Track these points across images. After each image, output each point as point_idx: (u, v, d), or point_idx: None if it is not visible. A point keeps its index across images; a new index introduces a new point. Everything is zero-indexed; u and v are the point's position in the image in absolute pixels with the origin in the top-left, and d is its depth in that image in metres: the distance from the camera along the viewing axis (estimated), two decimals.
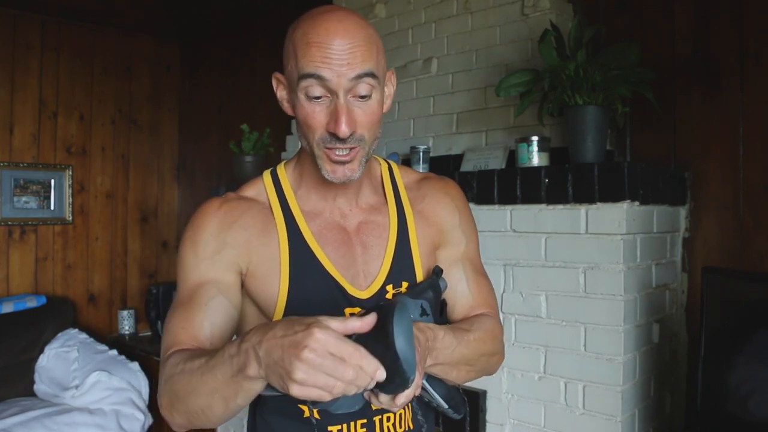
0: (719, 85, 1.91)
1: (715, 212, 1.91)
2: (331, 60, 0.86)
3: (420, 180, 1.13)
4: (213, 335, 0.92)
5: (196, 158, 4.01)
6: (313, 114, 0.90)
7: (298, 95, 0.90)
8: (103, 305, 3.77)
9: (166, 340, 0.93)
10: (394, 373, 0.71)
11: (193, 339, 0.90)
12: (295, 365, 0.67)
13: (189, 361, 0.82)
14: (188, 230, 1.00)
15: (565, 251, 1.78)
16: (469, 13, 2.33)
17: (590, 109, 1.78)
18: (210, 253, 0.96)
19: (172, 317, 0.94)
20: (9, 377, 3.00)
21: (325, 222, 1.01)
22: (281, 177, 1.04)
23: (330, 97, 0.88)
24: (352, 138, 0.90)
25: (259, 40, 3.56)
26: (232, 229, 0.97)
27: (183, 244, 0.99)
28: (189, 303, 0.93)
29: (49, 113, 3.56)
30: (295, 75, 0.89)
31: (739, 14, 1.87)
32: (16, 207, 3.45)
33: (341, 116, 0.87)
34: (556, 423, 1.80)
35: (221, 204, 1.00)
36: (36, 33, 3.50)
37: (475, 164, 2.15)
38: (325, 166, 0.93)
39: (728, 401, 1.51)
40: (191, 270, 0.96)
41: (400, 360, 0.70)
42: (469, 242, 1.10)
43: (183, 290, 0.96)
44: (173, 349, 0.89)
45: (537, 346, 1.84)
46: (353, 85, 0.88)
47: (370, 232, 1.02)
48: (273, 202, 1.01)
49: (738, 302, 1.54)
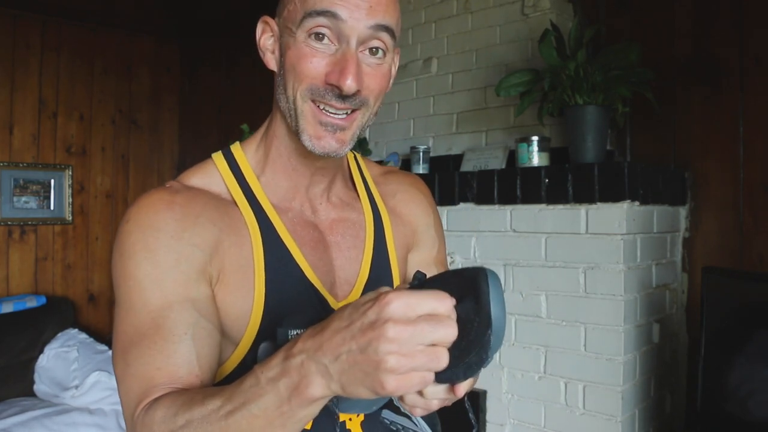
0: (719, 85, 1.91)
1: (715, 212, 1.91)
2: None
3: (385, 173, 0.99)
4: (202, 370, 0.70)
5: (196, 158, 3.96)
6: (308, 57, 0.72)
7: (296, 37, 0.73)
8: (103, 305, 3.77)
9: (132, 390, 0.68)
10: (478, 347, 0.54)
11: (175, 380, 0.67)
12: (384, 348, 0.49)
13: (193, 407, 0.60)
14: (133, 234, 0.73)
15: (565, 251, 1.78)
16: (469, 13, 2.33)
17: (590, 109, 1.78)
18: (173, 261, 0.72)
19: (133, 358, 0.68)
20: (9, 377, 2.99)
21: (297, 217, 0.84)
22: (239, 160, 0.84)
23: (337, 45, 0.73)
24: (355, 98, 0.73)
25: None
26: (197, 226, 0.74)
27: (129, 255, 0.72)
28: (158, 334, 0.69)
29: (49, 113, 3.56)
30: (299, 14, 0.73)
31: (739, 14, 1.87)
32: (16, 207, 3.44)
33: (350, 66, 0.71)
34: (556, 423, 1.80)
35: (173, 194, 0.76)
36: (36, 33, 3.50)
37: (475, 164, 2.15)
38: (307, 128, 0.74)
39: (728, 401, 1.50)
40: (150, 288, 0.70)
41: (492, 329, 0.54)
42: (441, 245, 1.00)
43: (142, 317, 0.70)
44: (150, 398, 0.66)
45: (537, 346, 1.84)
46: (369, 36, 0.73)
47: (345, 231, 0.87)
48: (234, 191, 0.81)
49: (738, 302, 1.54)
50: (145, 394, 0.66)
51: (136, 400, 0.67)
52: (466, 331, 0.54)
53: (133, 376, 0.68)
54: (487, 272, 0.56)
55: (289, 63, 0.74)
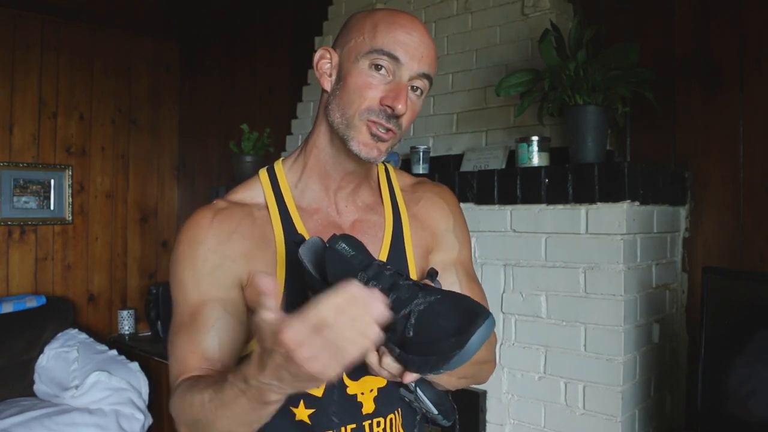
0: (719, 85, 1.91)
1: (715, 212, 1.91)
2: (410, 46, 0.89)
3: (415, 184, 1.12)
4: (224, 356, 0.89)
5: (195, 158, 4.01)
6: (371, 85, 0.89)
7: (359, 65, 0.90)
8: (102, 305, 3.77)
9: (174, 367, 0.90)
10: (442, 357, 0.70)
11: (204, 362, 0.88)
12: (306, 367, 0.63)
13: (198, 392, 0.80)
14: (182, 245, 0.94)
15: (565, 251, 1.78)
16: (469, 13, 2.33)
17: (590, 109, 1.78)
18: (210, 268, 0.92)
19: (177, 341, 0.91)
20: (9, 377, 2.99)
21: (322, 219, 0.98)
22: (278, 173, 1.01)
23: (390, 77, 0.89)
24: (397, 121, 0.90)
25: (259, 40, 3.56)
26: (231, 241, 0.93)
27: (178, 261, 0.94)
28: (193, 325, 0.90)
29: (49, 113, 3.56)
30: (366, 47, 0.89)
31: (739, 14, 1.87)
32: (16, 207, 3.45)
33: (402, 93, 0.88)
34: (556, 423, 1.80)
35: (215, 214, 0.95)
36: (36, 33, 3.50)
37: (475, 164, 2.15)
38: (359, 138, 0.91)
39: (728, 401, 1.50)
40: (191, 288, 0.92)
41: (460, 352, 0.69)
42: (462, 248, 1.09)
43: (184, 310, 0.92)
44: (183, 376, 0.88)
45: (537, 346, 1.84)
46: (416, 78, 0.90)
47: (365, 231, 1.00)
48: (270, 201, 0.98)
49: (738, 302, 1.54)
50: (181, 371, 0.88)
51: (175, 375, 0.89)
52: (443, 338, 0.69)
53: (174, 356, 0.90)
54: (489, 316, 0.70)
55: (350, 87, 0.91)
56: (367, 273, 0.76)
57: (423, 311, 0.73)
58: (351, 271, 0.76)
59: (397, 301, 0.74)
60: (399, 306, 0.74)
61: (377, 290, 0.66)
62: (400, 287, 0.75)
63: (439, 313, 0.72)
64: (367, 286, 0.71)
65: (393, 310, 0.72)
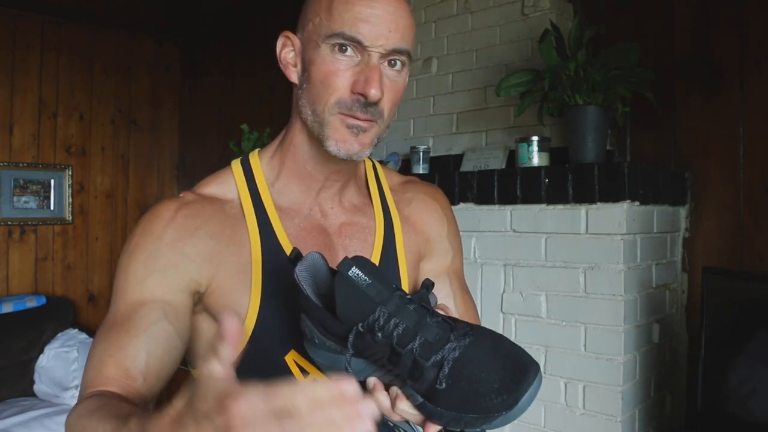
0: (719, 85, 1.91)
1: (715, 212, 1.91)
2: (373, 22, 0.76)
3: (405, 183, 1.01)
4: (148, 370, 0.75)
5: (196, 158, 4.01)
6: (337, 72, 0.77)
7: (320, 51, 0.78)
8: (103, 305, 3.76)
9: (87, 372, 0.75)
10: (484, 416, 0.60)
11: (122, 373, 0.73)
12: None
13: (96, 421, 0.64)
14: (136, 236, 0.82)
15: (565, 251, 1.78)
16: (469, 13, 2.33)
17: (590, 109, 1.78)
18: (162, 266, 0.79)
19: (99, 342, 0.77)
20: (9, 377, 2.99)
21: (304, 221, 0.87)
22: (254, 167, 0.88)
23: (359, 57, 0.77)
24: (375, 108, 0.78)
25: (259, 40, 3.56)
26: (194, 238, 0.81)
27: (128, 252, 0.81)
28: (124, 325, 0.76)
29: (48, 113, 3.56)
30: (324, 30, 0.77)
31: (739, 14, 1.87)
32: (16, 207, 3.44)
33: (375, 74, 0.76)
34: (556, 423, 1.80)
35: (179, 207, 0.83)
36: (36, 33, 3.50)
37: (475, 164, 2.15)
38: (334, 136, 0.79)
39: (728, 401, 1.50)
40: (134, 284, 0.79)
41: (509, 413, 0.60)
42: (455, 255, 1.00)
43: (120, 307, 0.79)
44: (92, 389, 0.72)
45: (537, 346, 1.84)
46: (387, 55, 0.78)
47: (353, 235, 0.89)
48: (244, 198, 0.85)
49: (738, 302, 1.54)
50: (91, 380, 0.74)
51: (86, 383, 0.74)
52: (486, 395, 0.60)
53: (93, 356, 0.76)
54: (539, 369, 0.62)
55: (315, 77, 0.79)
56: (387, 307, 0.63)
57: (458, 359, 0.62)
58: (367, 304, 0.63)
59: (425, 345, 0.63)
60: (427, 352, 0.62)
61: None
62: (428, 326, 0.63)
63: (477, 361, 0.61)
64: (387, 324, 0.62)
65: (420, 357, 0.62)
